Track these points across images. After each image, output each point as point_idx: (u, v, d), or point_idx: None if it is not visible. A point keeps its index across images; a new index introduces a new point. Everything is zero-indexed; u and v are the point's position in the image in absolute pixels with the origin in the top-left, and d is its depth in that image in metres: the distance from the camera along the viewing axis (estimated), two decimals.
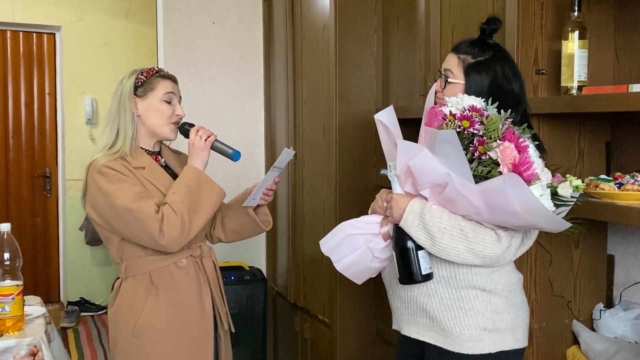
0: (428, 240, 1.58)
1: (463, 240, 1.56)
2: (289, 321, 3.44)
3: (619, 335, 1.91)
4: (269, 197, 2.09)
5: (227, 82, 3.78)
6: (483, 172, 1.51)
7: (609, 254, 2.05)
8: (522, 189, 1.42)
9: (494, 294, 1.65)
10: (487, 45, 1.70)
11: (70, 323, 4.85)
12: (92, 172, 1.93)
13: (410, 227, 1.60)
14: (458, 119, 1.52)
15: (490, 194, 1.47)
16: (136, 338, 1.94)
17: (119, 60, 5.22)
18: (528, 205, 1.43)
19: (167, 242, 1.86)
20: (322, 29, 2.93)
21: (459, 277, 1.64)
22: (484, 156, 1.51)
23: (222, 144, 2.01)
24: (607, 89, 1.73)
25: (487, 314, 1.64)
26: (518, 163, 1.47)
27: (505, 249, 1.57)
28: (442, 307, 1.66)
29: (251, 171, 3.80)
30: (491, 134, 1.51)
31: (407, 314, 1.74)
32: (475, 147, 1.51)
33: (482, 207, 1.50)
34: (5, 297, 2.13)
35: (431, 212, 1.58)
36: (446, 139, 1.47)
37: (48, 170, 5.33)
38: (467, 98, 1.58)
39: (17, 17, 5.06)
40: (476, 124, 1.51)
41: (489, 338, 1.64)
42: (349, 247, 1.73)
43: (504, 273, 1.67)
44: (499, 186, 1.44)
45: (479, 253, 1.56)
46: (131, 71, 2.04)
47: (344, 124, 2.83)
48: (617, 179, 1.69)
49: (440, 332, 1.67)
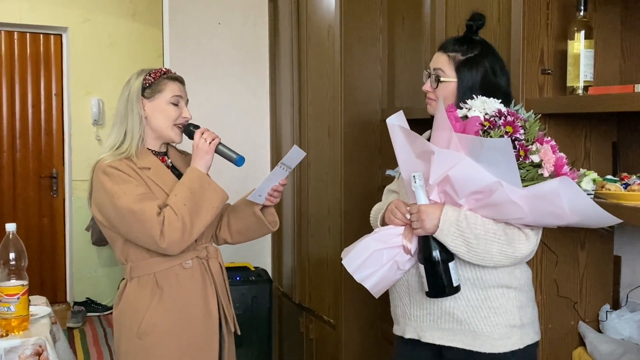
0: (464, 247, 1.57)
1: (496, 244, 1.57)
2: (294, 322, 3.44)
3: (626, 336, 1.90)
4: (275, 198, 2.06)
5: (232, 83, 3.78)
6: (522, 176, 1.50)
7: (615, 254, 2.04)
8: (575, 189, 1.43)
9: (518, 290, 1.67)
10: (473, 41, 1.72)
11: (76, 323, 4.87)
12: (98, 172, 1.93)
13: (446, 235, 1.58)
14: (502, 125, 1.50)
15: (542, 197, 1.47)
16: (140, 339, 1.94)
17: (125, 61, 5.23)
18: (578, 205, 1.44)
19: (167, 245, 1.86)
20: (328, 30, 2.93)
21: (485, 278, 1.64)
22: (527, 160, 1.50)
23: (227, 148, 2.00)
24: (614, 89, 1.72)
25: (514, 310, 1.66)
26: (558, 164, 1.50)
27: (534, 247, 1.60)
28: (470, 309, 1.65)
29: (256, 172, 3.80)
30: (529, 137, 1.52)
31: (429, 320, 1.71)
32: (518, 152, 1.50)
33: (527, 211, 1.51)
34: (10, 296, 2.14)
35: (467, 219, 1.57)
36: (497, 147, 1.46)
37: (55, 170, 5.35)
38: (490, 102, 1.57)
39: (24, 18, 5.09)
40: (519, 129, 1.51)
41: (517, 334, 1.66)
42: (376, 263, 1.68)
43: (523, 269, 1.70)
44: (554, 189, 1.45)
45: (511, 254, 1.58)
46: (139, 71, 2.04)
47: (349, 125, 2.83)
48: (624, 179, 1.68)
49: (469, 334, 1.65)
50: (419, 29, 2.54)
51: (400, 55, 2.74)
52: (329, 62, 2.92)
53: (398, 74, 2.76)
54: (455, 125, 1.55)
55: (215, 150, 1.99)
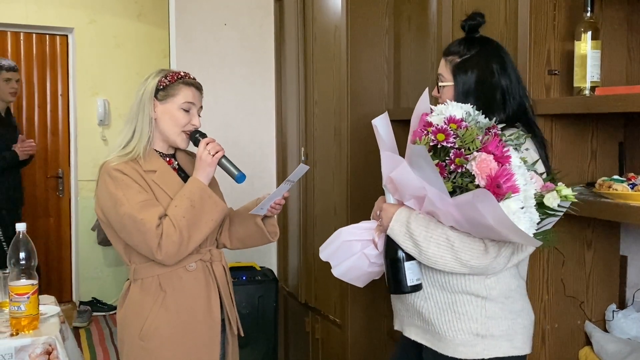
0: (415, 249, 1.58)
1: (449, 250, 1.54)
2: (300, 321, 3.45)
3: (632, 336, 1.90)
4: (276, 210, 2.08)
5: (238, 84, 3.79)
6: (464, 184, 1.47)
7: (621, 254, 2.04)
8: (491, 203, 1.37)
9: (488, 300, 1.62)
10: (472, 42, 1.70)
11: (82, 323, 4.89)
12: (103, 174, 1.93)
13: (397, 235, 1.60)
14: (432, 133, 1.49)
15: (464, 208, 1.45)
16: (143, 341, 1.94)
17: (131, 61, 5.25)
18: (500, 220, 1.39)
19: (163, 257, 1.87)
20: (334, 30, 2.94)
21: (452, 282, 1.63)
22: (461, 168, 1.47)
23: (229, 163, 1.99)
24: (620, 89, 1.72)
25: (480, 319, 1.62)
26: (496, 175, 1.42)
27: (493, 259, 1.53)
28: (437, 311, 1.65)
29: (262, 173, 3.82)
30: (469, 145, 1.47)
31: (407, 316, 1.75)
32: (452, 159, 1.47)
33: (461, 219, 1.49)
34: (20, 296, 2.15)
35: (417, 220, 1.57)
36: (418, 153, 1.45)
37: (61, 170, 5.36)
38: (452, 106, 1.55)
39: (31, 19, 5.11)
40: (451, 137, 1.47)
41: (482, 343, 1.62)
42: (345, 253, 1.74)
43: (500, 279, 1.63)
44: (469, 201, 1.41)
45: (466, 263, 1.54)
46: (157, 71, 2.03)
47: (355, 125, 2.84)
48: (631, 179, 1.68)
49: (435, 335, 1.66)
50: (425, 30, 2.55)
51: (406, 56, 2.75)
52: (335, 63, 2.93)
53: (404, 74, 2.77)
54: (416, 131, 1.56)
55: (217, 163, 1.98)
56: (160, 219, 1.87)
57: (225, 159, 1.98)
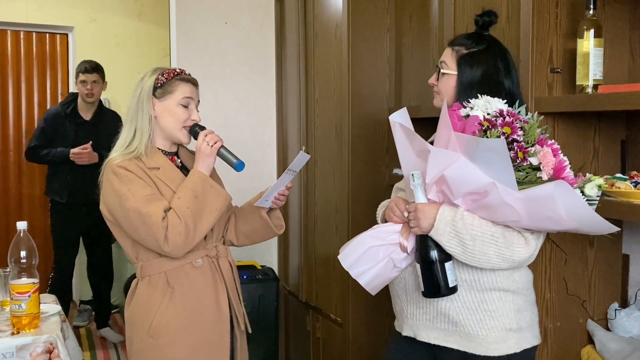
0: (459, 248, 1.55)
1: (493, 246, 1.54)
2: (300, 320, 3.45)
3: (634, 335, 1.90)
4: (280, 201, 2.08)
5: (239, 82, 3.79)
6: (520, 178, 1.48)
7: (624, 253, 2.04)
8: (572, 195, 1.40)
9: (516, 293, 1.65)
10: (481, 37, 1.71)
11: (82, 322, 4.88)
12: (107, 171, 1.95)
13: (441, 235, 1.56)
14: (500, 125, 1.48)
15: (537, 201, 1.44)
16: (152, 338, 1.95)
17: (131, 60, 5.25)
18: (575, 211, 1.40)
19: (171, 248, 1.88)
20: (335, 29, 2.94)
21: (482, 280, 1.63)
22: (525, 162, 1.48)
23: (228, 152, 1.99)
24: (623, 87, 1.72)
25: (510, 314, 1.64)
26: (558, 168, 1.46)
27: (533, 251, 1.57)
28: (465, 311, 1.64)
29: (263, 171, 3.81)
30: (529, 138, 1.49)
31: (425, 319, 1.71)
32: (516, 153, 1.47)
33: (523, 214, 1.48)
34: (21, 294, 2.15)
35: (463, 219, 1.55)
36: (492, 147, 1.42)
37: None
38: (494, 101, 1.55)
39: (31, 17, 5.11)
40: (517, 130, 1.48)
41: (514, 337, 1.64)
42: (371, 260, 1.67)
43: (522, 272, 1.68)
44: (549, 193, 1.41)
45: (508, 257, 1.55)
46: (153, 69, 2.04)
47: (356, 123, 2.83)
48: (633, 177, 1.68)
49: (465, 336, 1.65)
50: (426, 28, 2.55)
51: (407, 54, 2.75)
52: (336, 61, 2.93)
53: (405, 73, 2.77)
54: (456, 124, 1.53)
55: (217, 153, 1.99)
56: (165, 212, 1.88)
57: (224, 148, 2.00)
